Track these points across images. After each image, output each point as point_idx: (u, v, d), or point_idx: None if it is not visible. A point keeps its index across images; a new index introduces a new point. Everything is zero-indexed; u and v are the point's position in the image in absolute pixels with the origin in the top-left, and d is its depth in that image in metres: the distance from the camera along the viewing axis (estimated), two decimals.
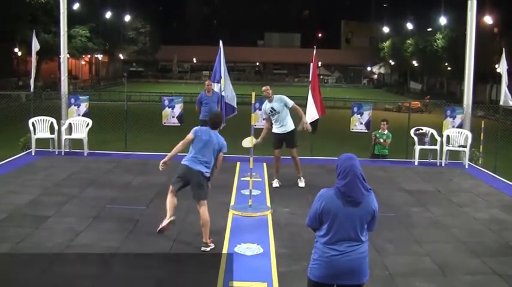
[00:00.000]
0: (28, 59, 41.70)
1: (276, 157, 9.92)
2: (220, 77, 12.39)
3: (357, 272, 4.01)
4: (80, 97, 13.16)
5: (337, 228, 3.97)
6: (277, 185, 9.88)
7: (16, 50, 43.56)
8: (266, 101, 9.81)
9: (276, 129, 9.82)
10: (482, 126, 13.02)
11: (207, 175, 6.69)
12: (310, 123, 11.14)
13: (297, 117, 9.93)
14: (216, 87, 12.32)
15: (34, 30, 14.06)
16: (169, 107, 13.05)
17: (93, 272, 5.79)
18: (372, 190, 4.07)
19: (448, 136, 12.60)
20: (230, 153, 12.69)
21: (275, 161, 9.99)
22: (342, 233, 3.97)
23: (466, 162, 12.36)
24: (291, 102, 9.68)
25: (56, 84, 31.25)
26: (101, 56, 65.32)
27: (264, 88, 9.73)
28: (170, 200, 6.78)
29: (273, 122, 9.80)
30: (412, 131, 12.85)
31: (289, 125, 9.78)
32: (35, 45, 13.28)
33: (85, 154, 12.37)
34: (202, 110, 12.05)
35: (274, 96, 9.70)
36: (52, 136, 12.45)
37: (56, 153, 12.40)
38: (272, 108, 9.66)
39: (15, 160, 11.64)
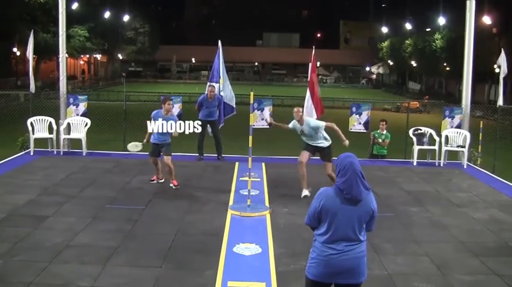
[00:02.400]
0: (27, 59, 41.64)
1: (301, 162, 9.04)
2: (219, 77, 12.42)
3: (354, 272, 4.02)
4: (79, 97, 13.14)
5: (335, 227, 3.99)
6: (307, 193, 8.95)
7: (15, 49, 43.54)
8: (297, 122, 9.10)
9: (308, 142, 9.16)
10: (481, 126, 13.03)
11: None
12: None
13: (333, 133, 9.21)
14: (215, 87, 12.33)
15: (32, 31, 14.02)
16: None
17: (92, 272, 5.79)
18: (371, 190, 4.08)
19: (446, 136, 12.62)
20: (229, 153, 12.83)
21: (300, 166, 9.07)
22: (340, 232, 3.98)
23: (465, 162, 12.38)
24: (323, 126, 9.01)
25: (54, 83, 31.22)
26: (100, 56, 65.34)
27: (295, 109, 9.09)
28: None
29: (304, 138, 9.17)
30: (410, 131, 12.86)
31: (325, 142, 9.10)
32: (31, 47, 13.26)
33: (84, 154, 12.36)
34: (201, 112, 12.06)
35: (305, 119, 9.11)
36: (51, 136, 12.44)
37: (55, 153, 12.39)
38: (302, 131, 9.07)
39: (13, 160, 11.63)
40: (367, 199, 4.04)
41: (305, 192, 9.00)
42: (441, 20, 51.20)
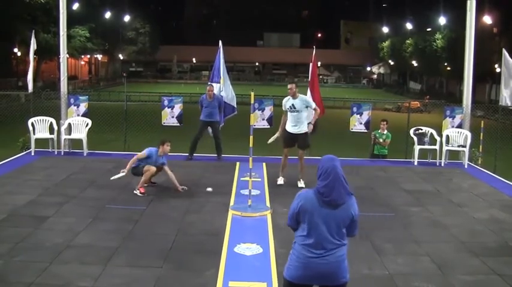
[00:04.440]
0: (27, 59, 41.74)
1: (285, 154, 9.99)
2: (220, 77, 12.43)
3: (333, 276, 3.96)
4: (79, 97, 13.15)
5: (314, 230, 3.93)
6: (282, 182, 9.93)
7: (15, 50, 43.55)
8: (289, 97, 9.77)
9: (289, 127, 9.83)
10: (482, 126, 13.03)
11: None
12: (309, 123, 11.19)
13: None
14: (215, 87, 12.34)
15: (33, 31, 14.05)
16: (168, 107, 13.04)
17: (92, 272, 5.79)
18: (353, 195, 4.01)
19: (447, 136, 12.61)
20: (229, 153, 12.83)
21: (283, 158, 10.02)
22: (319, 235, 3.92)
23: (466, 162, 12.36)
24: (313, 105, 9.87)
25: (55, 84, 31.24)
26: (101, 56, 65.44)
27: (289, 86, 9.73)
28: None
29: (288, 119, 9.83)
30: (411, 131, 12.85)
31: (304, 127, 9.78)
32: (33, 47, 13.30)
33: (84, 154, 12.36)
34: (202, 112, 12.10)
35: (299, 95, 9.75)
36: (51, 136, 12.45)
37: (56, 153, 12.40)
38: (293, 105, 9.65)
39: (14, 160, 11.64)
40: (348, 203, 3.95)
41: (280, 180, 9.97)
42: (442, 20, 51.21)
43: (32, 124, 12.27)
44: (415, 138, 12.61)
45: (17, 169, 10.80)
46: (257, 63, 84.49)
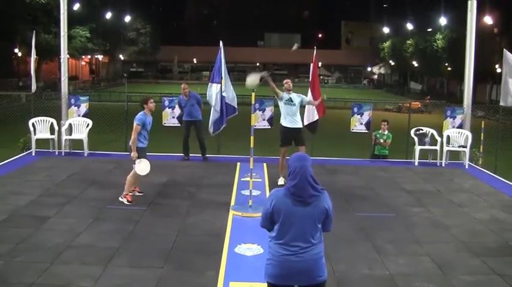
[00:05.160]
0: (28, 60, 41.84)
1: (283, 154, 10.08)
2: (221, 77, 12.42)
3: (309, 273, 3.91)
4: (80, 98, 13.16)
5: (288, 228, 3.91)
6: (282, 182, 9.92)
7: (16, 50, 43.59)
8: (285, 93, 10.00)
9: (285, 122, 9.94)
10: (483, 126, 13.03)
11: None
12: (310, 123, 11.21)
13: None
14: (216, 87, 12.33)
15: (34, 32, 14.06)
16: (169, 108, 13.07)
17: (93, 273, 5.79)
18: (324, 190, 3.98)
19: (448, 136, 12.61)
20: (230, 153, 12.83)
21: (281, 158, 10.08)
22: (293, 233, 3.90)
23: (466, 162, 12.36)
24: (307, 98, 10.35)
25: (56, 84, 31.26)
26: (101, 56, 65.48)
27: (286, 80, 10.22)
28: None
29: (284, 113, 9.96)
30: (412, 132, 12.86)
31: (299, 122, 10.06)
32: (34, 49, 13.32)
33: (85, 155, 12.37)
34: (184, 112, 12.26)
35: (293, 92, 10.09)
36: (52, 137, 12.46)
37: (56, 153, 12.41)
38: (290, 98, 9.90)
39: (15, 161, 11.64)
40: (319, 199, 3.94)
41: (281, 181, 9.95)
42: (442, 20, 51.15)
43: (33, 124, 12.28)
44: (416, 139, 12.61)
45: (18, 169, 10.81)
46: (258, 64, 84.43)
